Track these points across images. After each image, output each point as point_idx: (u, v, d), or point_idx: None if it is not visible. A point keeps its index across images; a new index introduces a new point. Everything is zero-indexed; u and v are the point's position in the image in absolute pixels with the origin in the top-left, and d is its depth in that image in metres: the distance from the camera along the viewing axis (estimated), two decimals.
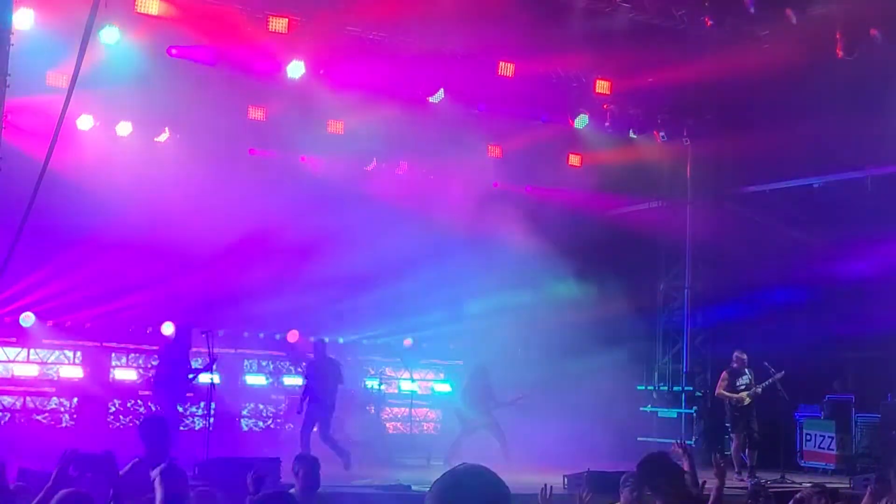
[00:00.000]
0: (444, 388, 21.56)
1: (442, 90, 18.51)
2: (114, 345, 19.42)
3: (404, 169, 20.62)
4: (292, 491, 9.66)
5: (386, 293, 19.78)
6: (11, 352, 18.69)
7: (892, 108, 17.41)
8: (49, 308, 18.30)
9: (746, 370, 17.34)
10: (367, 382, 20.93)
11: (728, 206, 20.74)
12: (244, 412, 20.48)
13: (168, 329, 19.12)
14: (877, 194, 18.37)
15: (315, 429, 16.67)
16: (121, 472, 7.44)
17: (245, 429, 20.31)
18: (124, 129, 18.14)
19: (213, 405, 16.55)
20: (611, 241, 20.82)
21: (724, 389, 17.44)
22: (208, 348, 15.55)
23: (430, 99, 18.59)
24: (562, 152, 21.25)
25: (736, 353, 17.38)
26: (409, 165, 20.62)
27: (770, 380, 17.08)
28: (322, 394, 16.81)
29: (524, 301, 20.61)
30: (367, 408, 20.28)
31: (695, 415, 21.17)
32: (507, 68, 18.43)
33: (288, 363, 21.04)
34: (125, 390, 19.49)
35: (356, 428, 19.44)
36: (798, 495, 9.40)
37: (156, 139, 18.55)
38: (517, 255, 20.00)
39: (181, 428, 17.13)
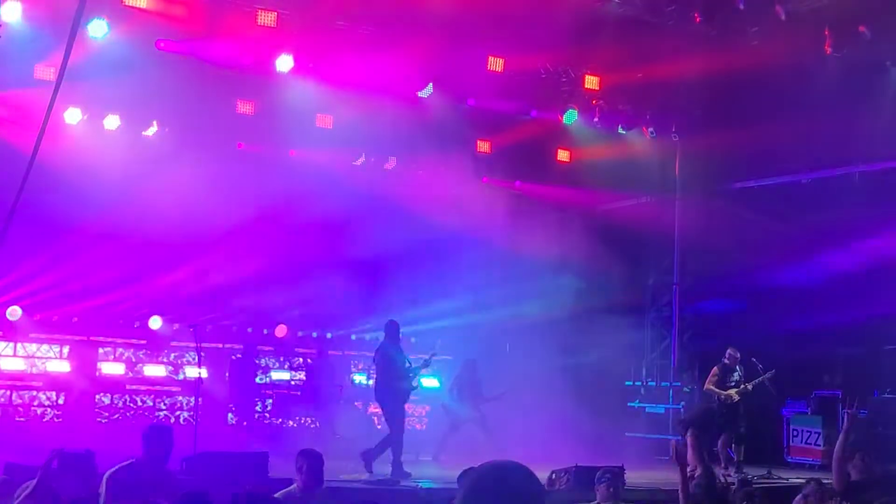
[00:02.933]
0: (432, 382, 21.54)
1: (431, 85, 18.49)
2: (101, 339, 19.36)
3: (393, 164, 20.60)
4: (293, 487, 9.44)
5: (373, 289, 19.76)
6: None
7: (880, 104, 17.46)
8: (36, 302, 18.24)
9: (738, 367, 17.34)
10: (354, 377, 20.91)
11: (717, 202, 20.75)
12: (231, 406, 20.44)
13: (155, 323, 19.07)
14: (865, 190, 18.41)
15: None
16: (113, 469, 7.40)
17: (232, 422, 20.25)
18: (112, 122, 18.10)
19: (199, 399, 16.44)
20: (599, 236, 20.82)
21: (713, 385, 17.44)
22: (196, 342, 15.51)
23: (420, 94, 18.58)
24: (551, 148, 21.27)
25: (729, 350, 17.36)
26: (398, 160, 20.59)
27: (760, 378, 17.07)
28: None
29: (512, 296, 20.59)
30: (355, 403, 20.27)
31: (682, 410, 21.18)
32: (496, 63, 18.41)
33: (275, 358, 21.03)
34: (112, 384, 19.44)
35: (344, 423, 19.43)
36: (805, 491, 9.37)
37: (144, 133, 18.49)
38: (505, 251, 20.00)
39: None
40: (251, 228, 18.67)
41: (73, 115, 17.59)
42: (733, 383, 17.26)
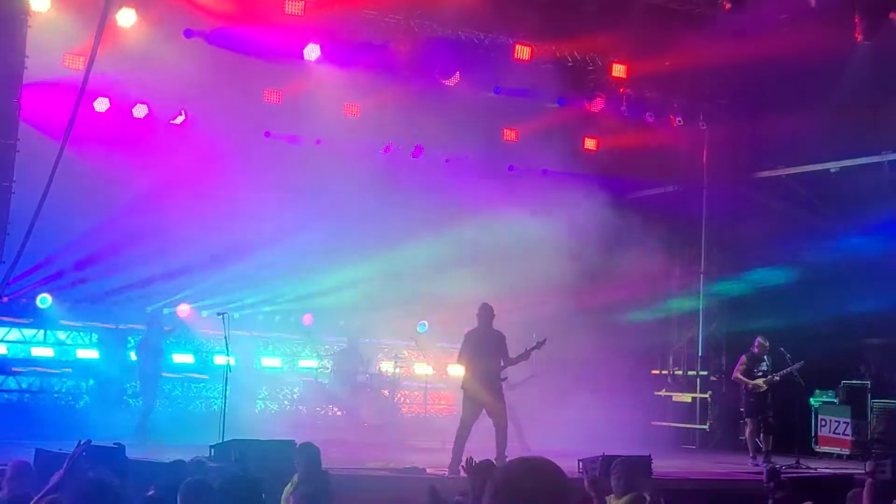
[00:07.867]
0: (459, 370, 21.52)
1: (458, 73, 18.47)
2: (130, 326, 19.45)
3: (420, 152, 20.59)
4: (295, 478, 9.40)
5: (400, 276, 19.76)
6: (28, 332, 18.76)
7: None
8: (66, 289, 18.34)
9: (766, 357, 17.26)
10: (381, 365, 20.94)
11: (744, 191, 20.65)
12: (259, 394, 20.53)
13: (184, 311, 19.14)
14: (894, 179, 18.28)
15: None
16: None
17: (259, 411, 20.32)
18: (140, 111, 18.15)
19: (227, 387, 16.50)
20: (626, 224, 20.75)
21: (741, 374, 17.37)
22: (224, 330, 15.55)
23: (446, 82, 18.55)
24: (578, 136, 21.21)
25: (759, 339, 17.26)
26: (425, 149, 20.57)
27: (788, 369, 16.99)
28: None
29: (539, 284, 20.54)
30: (382, 391, 20.32)
31: (709, 399, 21.13)
32: (523, 51, 18.38)
33: (302, 346, 21.13)
34: None
35: (371, 411, 19.47)
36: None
37: (172, 122, 18.56)
38: (532, 239, 19.95)
39: None
40: (278, 217, 18.70)
41: (101, 104, 17.65)
42: (761, 373, 17.19)
